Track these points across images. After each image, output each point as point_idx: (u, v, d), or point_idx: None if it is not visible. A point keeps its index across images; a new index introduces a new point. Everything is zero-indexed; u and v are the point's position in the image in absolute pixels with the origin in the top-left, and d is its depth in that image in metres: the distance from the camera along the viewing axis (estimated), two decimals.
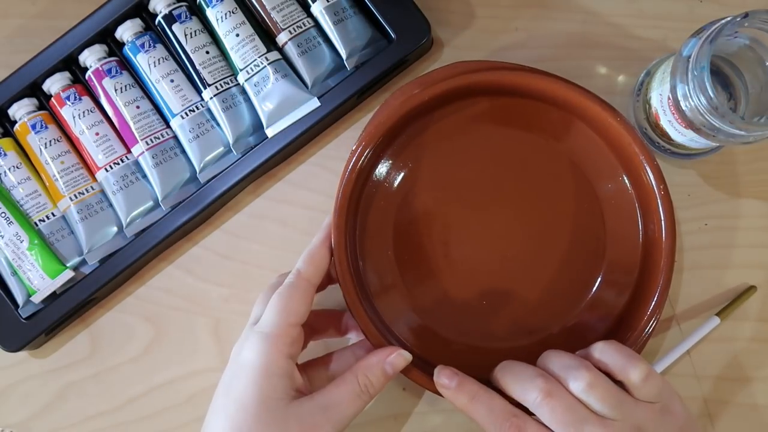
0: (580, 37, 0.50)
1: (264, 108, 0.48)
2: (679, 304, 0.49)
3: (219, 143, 0.49)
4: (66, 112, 0.48)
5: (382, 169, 0.48)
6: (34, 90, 0.50)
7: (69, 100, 0.48)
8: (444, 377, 0.41)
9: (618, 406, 0.37)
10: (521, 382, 0.39)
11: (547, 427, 0.38)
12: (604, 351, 0.39)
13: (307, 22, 0.48)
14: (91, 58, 0.49)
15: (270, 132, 0.48)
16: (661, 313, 0.44)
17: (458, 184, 0.48)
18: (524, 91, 0.46)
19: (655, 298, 0.44)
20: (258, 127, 0.49)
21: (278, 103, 0.48)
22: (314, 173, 0.51)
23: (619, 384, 0.39)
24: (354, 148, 0.46)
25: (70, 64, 0.50)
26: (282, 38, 0.48)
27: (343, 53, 0.48)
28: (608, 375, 0.39)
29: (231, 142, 0.48)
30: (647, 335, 0.44)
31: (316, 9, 0.48)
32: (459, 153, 0.48)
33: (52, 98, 0.49)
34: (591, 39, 0.50)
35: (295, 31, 0.48)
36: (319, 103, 0.48)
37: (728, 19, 0.38)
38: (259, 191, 0.51)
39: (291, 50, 0.48)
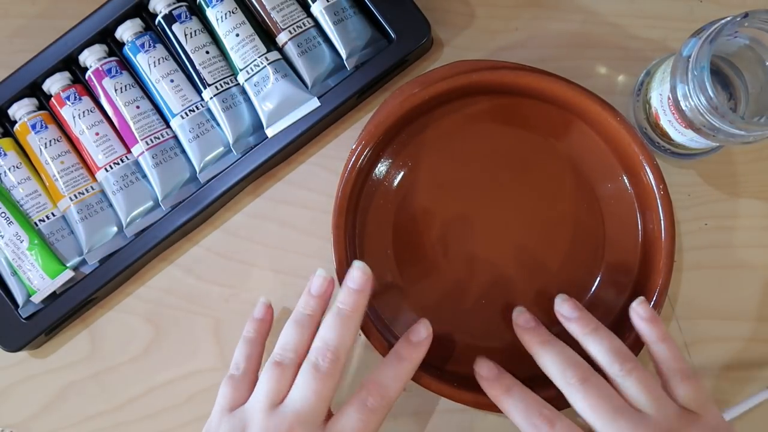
0: (580, 37, 0.50)
1: (264, 108, 0.48)
2: (678, 303, 0.49)
3: (219, 143, 0.49)
4: (66, 112, 0.48)
5: (381, 168, 0.48)
6: (34, 90, 0.50)
7: (69, 100, 0.48)
8: (484, 369, 0.42)
9: (656, 399, 0.37)
10: (560, 365, 0.40)
11: (577, 424, 0.38)
12: (658, 347, 0.40)
13: (307, 22, 0.48)
14: (91, 58, 0.49)
15: (270, 132, 0.48)
16: (660, 313, 0.45)
17: (458, 184, 0.48)
18: (524, 91, 0.46)
19: (654, 298, 0.44)
20: (258, 127, 0.49)
21: (278, 103, 0.48)
22: (314, 173, 0.51)
23: None
24: (354, 147, 0.46)
25: (70, 64, 0.50)
26: (282, 38, 0.48)
27: (343, 53, 0.48)
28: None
29: (231, 142, 0.48)
30: None
31: (316, 9, 0.48)
32: (459, 152, 0.48)
33: (52, 98, 0.49)
34: (591, 39, 0.50)
35: (295, 31, 0.48)
36: (319, 103, 0.48)
37: (728, 19, 0.38)
38: (259, 191, 0.51)
39: (291, 50, 0.48)
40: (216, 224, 0.51)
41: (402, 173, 0.48)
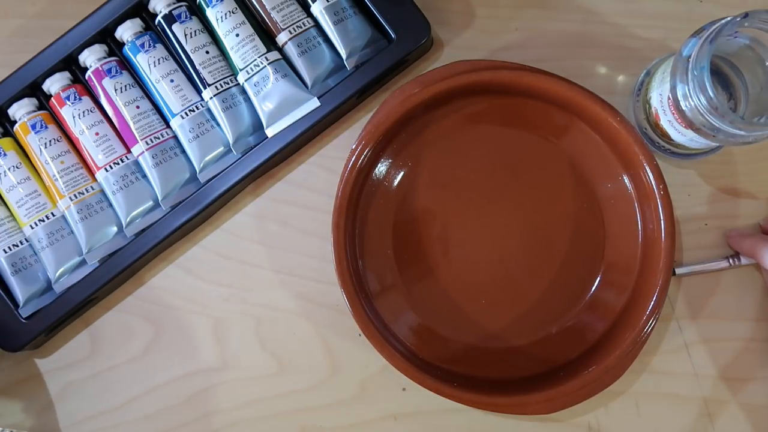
0: (580, 37, 0.50)
1: (264, 108, 0.48)
2: (678, 303, 0.48)
3: (219, 143, 0.49)
4: (66, 112, 0.48)
5: (381, 168, 0.48)
6: (34, 90, 0.49)
7: (69, 100, 0.48)
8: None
9: None
10: None
11: None
12: None
13: (307, 22, 0.48)
14: (91, 58, 0.49)
15: (270, 132, 0.48)
16: (660, 313, 0.45)
17: (457, 184, 0.48)
18: (524, 91, 0.46)
19: (654, 298, 0.44)
20: (258, 126, 0.49)
21: (278, 103, 0.48)
22: (314, 173, 0.51)
23: None
24: (354, 147, 0.46)
25: (70, 64, 0.50)
26: (282, 38, 0.48)
27: (343, 53, 0.48)
28: None
29: (231, 142, 0.48)
30: (646, 335, 0.44)
31: (316, 9, 0.48)
32: (458, 152, 0.48)
33: (52, 98, 0.49)
34: (591, 39, 0.50)
35: (295, 31, 0.48)
36: (319, 103, 0.48)
37: (728, 19, 0.38)
38: (259, 191, 0.51)
39: (291, 50, 0.48)
40: (216, 224, 0.51)
41: (402, 173, 0.48)
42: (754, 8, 0.38)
